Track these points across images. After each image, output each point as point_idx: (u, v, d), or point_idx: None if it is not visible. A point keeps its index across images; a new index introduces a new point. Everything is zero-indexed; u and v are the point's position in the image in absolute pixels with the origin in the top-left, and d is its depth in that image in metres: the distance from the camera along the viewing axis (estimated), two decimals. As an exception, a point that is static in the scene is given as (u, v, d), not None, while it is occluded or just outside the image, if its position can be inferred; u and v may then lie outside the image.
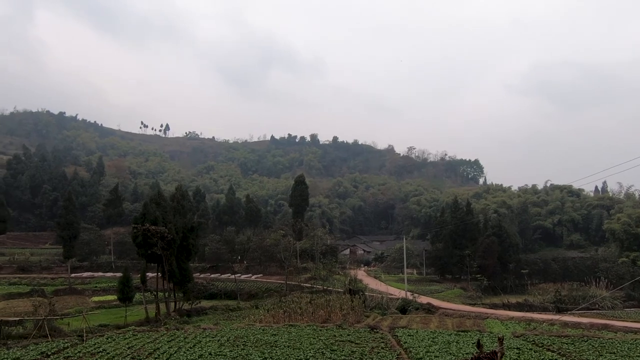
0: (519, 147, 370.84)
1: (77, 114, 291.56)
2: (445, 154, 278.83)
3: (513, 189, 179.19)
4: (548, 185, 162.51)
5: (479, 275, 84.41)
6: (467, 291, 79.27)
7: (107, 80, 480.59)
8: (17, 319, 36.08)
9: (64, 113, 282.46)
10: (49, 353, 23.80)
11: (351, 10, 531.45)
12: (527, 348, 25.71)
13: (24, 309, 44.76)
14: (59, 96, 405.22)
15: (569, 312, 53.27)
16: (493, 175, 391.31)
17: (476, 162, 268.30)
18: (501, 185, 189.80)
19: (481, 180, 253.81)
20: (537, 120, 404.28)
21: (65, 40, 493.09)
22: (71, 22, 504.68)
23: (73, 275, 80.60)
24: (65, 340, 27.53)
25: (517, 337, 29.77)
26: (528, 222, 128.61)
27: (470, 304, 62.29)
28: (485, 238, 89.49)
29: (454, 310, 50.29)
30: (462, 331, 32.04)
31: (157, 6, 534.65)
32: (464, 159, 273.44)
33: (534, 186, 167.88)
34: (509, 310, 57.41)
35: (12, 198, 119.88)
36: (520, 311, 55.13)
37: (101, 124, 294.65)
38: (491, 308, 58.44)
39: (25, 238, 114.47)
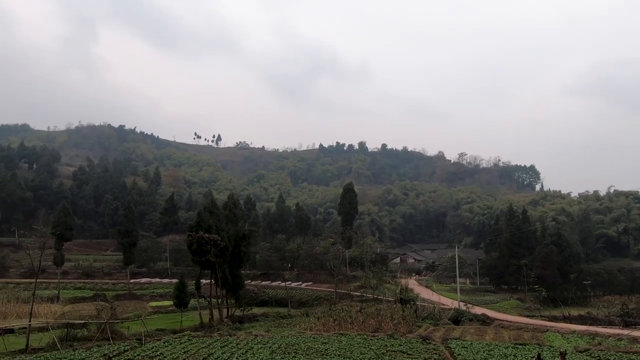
0: (578, 151, 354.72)
1: (135, 127, 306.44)
2: (499, 160, 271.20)
3: (572, 195, 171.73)
4: (611, 191, 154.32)
5: (537, 286, 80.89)
6: (524, 302, 76.12)
7: (163, 93, 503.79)
8: (82, 322, 38.01)
9: (124, 126, 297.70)
10: (111, 355, 24.91)
11: (397, 15, 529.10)
12: (591, 364, 24.29)
13: (87, 313, 47.10)
14: (119, 110, 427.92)
15: (639, 326, 49.84)
16: (550, 181, 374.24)
17: (532, 167, 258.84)
18: (559, 191, 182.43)
19: (538, 187, 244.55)
20: (598, 122, 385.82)
21: (124, 57, 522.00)
22: (130, 39, 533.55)
23: (132, 281, 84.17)
24: (126, 344, 28.76)
25: (581, 352, 28.19)
26: (590, 231, 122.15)
27: (528, 316, 59.74)
28: (543, 247, 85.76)
29: (510, 322, 48.40)
30: (520, 344, 30.69)
31: (209, 20, 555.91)
32: (518, 164, 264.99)
33: (595, 192, 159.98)
34: (571, 323, 54.62)
35: (77, 207, 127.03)
36: (582, 324, 52.25)
37: (157, 136, 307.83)
38: (551, 320, 55.86)
39: (89, 245, 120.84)
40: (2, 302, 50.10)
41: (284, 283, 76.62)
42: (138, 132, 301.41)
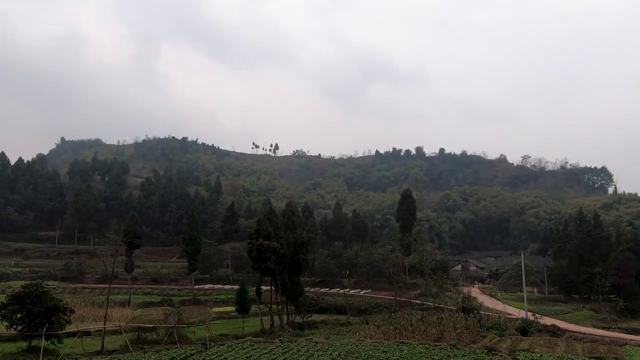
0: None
1: (197, 138, 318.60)
2: (566, 162, 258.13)
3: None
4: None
5: (612, 296, 75.66)
6: (598, 313, 71.32)
7: (222, 105, 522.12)
8: (151, 326, 39.87)
9: (186, 138, 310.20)
10: (179, 359, 25.94)
11: (454, 14, 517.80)
12: (678, 381, 22.37)
13: (156, 317, 49.28)
14: (181, 122, 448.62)
15: None
16: (625, 183, 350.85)
17: (603, 169, 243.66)
18: (635, 194, 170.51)
19: (610, 190, 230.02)
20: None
21: (185, 71, 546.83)
22: (189, 54, 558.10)
23: (196, 287, 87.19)
24: (192, 348, 29.84)
25: (665, 368, 26.05)
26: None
27: (603, 328, 55.94)
28: (618, 254, 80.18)
29: (584, 333, 45.58)
30: (595, 358, 28.85)
31: (264, 32, 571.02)
32: (588, 166, 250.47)
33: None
34: (653, 336, 50.47)
35: (145, 216, 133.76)
36: (667, 338, 48.14)
37: (218, 146, 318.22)
38: (630, 333, 51.97)
39: (156, 252, 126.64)
40: (80, 306, 53.46)
41: (342, 290, 76.45)
42: (200, 143, 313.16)
